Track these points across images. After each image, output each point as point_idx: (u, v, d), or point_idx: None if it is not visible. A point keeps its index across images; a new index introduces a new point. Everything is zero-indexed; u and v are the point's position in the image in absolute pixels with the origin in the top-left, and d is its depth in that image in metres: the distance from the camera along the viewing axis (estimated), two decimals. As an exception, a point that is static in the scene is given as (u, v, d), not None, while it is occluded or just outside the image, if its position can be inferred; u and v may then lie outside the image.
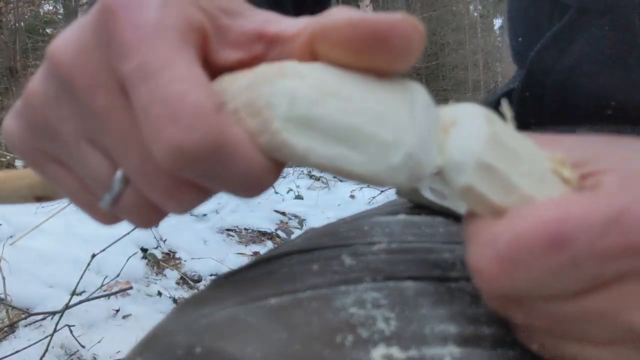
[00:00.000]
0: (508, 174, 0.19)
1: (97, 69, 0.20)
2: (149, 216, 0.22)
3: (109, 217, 0.24)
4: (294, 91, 0.18)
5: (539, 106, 0.37)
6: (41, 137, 0.22)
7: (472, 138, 0.19)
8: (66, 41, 0.21)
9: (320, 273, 0.25)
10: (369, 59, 0.19)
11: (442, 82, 14.99)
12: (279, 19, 0.21)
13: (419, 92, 0.20)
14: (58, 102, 0.21)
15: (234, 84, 0.20)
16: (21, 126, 0.23)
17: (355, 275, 0.25)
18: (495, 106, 0.45)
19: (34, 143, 0.23)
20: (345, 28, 0.19)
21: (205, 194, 0.21)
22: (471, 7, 16.47)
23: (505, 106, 0.21)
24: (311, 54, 0.20)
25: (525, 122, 0.38)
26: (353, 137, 0.18)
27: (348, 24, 0.19)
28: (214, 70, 0.21)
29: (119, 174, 0.21)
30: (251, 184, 0.19)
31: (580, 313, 0.18)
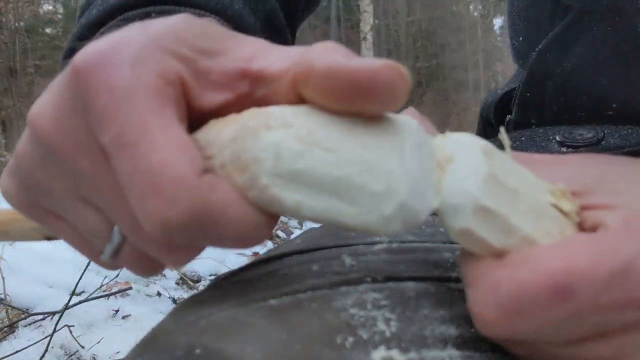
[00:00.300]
0: (507, 216, 0.18)
1: (77, 134, 0.19)
2: (149, 267, 0.23)
3: (112, 265, 0.24)
4: (279, 145, 0.18)
5: (540, 107, 0.37)
6: (35, 195, 0.22)
7: (469, 179, 0.18)
8: (44, 107, 0.20)
9: (320, 273, 0.25)
10: (353, 106, 0.18)
11: (443, 82, 15.00)
12: (264, 53, 0.20)
13: (408, 131, 0.19)
14: (45, 164, 0.21)
15: (220, 134, 0.19)
16: (15, 185, 0.23)
17: (355, 276, 0.24)
18: (495, 106, 0.45)
19: (29, 200, 0.23)
20: (326, 78, 0.18)
21: (201, 248, 0.21)
22: (471, 7, 16.47)
23: (504, 135, 0.21)
24: (297, 95, 0.20)
25: (527, 122, 0.38)
26: (343, 189, 0.18)
27: (328, 74, 0.18)
28: (201, 114, 0.20)
29: (116, 229, 0.21)
30: (245, 240, 0.19)
31: (583, 358, 0.18)
